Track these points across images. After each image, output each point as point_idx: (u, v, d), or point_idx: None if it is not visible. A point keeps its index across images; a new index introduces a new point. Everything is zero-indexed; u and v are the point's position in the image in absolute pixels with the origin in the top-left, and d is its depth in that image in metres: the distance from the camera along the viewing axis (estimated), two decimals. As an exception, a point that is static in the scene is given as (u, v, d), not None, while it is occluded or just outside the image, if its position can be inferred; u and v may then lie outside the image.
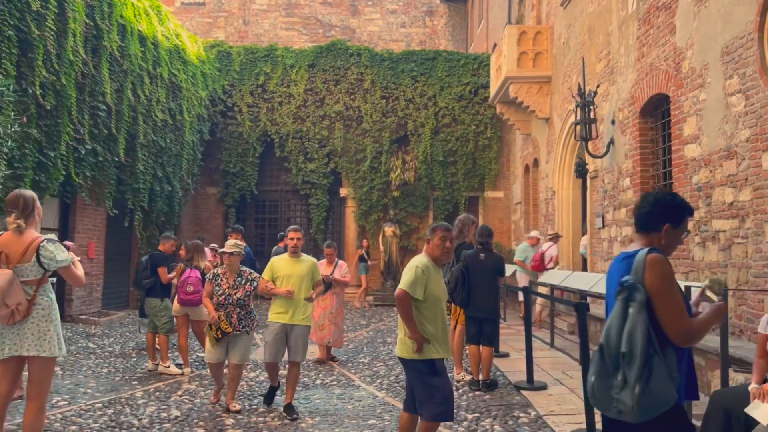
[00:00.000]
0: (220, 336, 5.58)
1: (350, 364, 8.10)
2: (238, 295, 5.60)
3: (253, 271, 5.81)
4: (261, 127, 16.94)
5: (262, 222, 17.68)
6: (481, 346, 6.54)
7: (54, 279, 10.68)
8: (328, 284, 8.07)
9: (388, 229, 16.12)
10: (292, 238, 5.82)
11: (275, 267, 5.77)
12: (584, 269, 11.04)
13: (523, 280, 11.07)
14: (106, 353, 8.65)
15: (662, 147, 8.27)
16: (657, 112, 8.38)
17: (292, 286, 5.62)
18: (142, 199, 12.75)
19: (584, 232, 11.86)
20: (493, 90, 14.81)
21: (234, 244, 5.76)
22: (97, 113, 10.95)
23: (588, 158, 9.97)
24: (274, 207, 17.65)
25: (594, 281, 7.75)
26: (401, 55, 17.13)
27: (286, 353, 5.78)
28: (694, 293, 2.85)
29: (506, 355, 8.35)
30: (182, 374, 7.28)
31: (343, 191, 17.16)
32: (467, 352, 7.24)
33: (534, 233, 11.65)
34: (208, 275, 5.76)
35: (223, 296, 5.59)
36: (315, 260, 5.97)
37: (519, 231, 16.03)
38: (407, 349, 4.04)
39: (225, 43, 17.27)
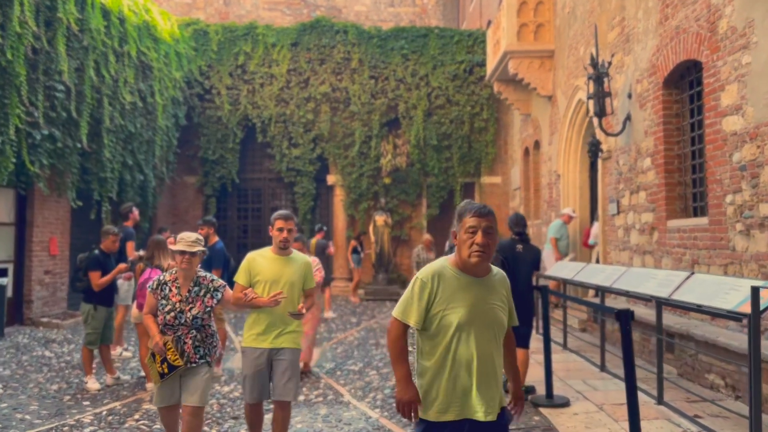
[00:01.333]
0: (166, 371, 3.93)
1: (338, 373, 7.12)
2: (194, 311, 3.93)
3: (216, 278, 4.15)
4: (241, 111, 15.83)
5: (244, 212, 16.60)
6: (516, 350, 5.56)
7: (5, 279, 9.63)
8: None
9: (379, 219, 15.12)
10: (281, 229, 4.14)
11: (255, 267, 4.14)
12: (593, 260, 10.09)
13: (550, 261, 10.16)
14: (62, 364, 7.60)
15: (690, 122, 7.30)
16: (683, 82, 7.39)
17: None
18: (109, 190, 11.66)
19: (593, 220, 10.90)
20: (489, 67, 13.78)
21: (195, 239, 4.01)
22: (54, 94, 9.82)
23: (601, 137, 8.98)
24: (257, 196, 16.58)
25: (614, 276, 6.79)
26: (391, 31, 16.03)
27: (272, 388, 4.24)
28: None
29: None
30: (100, 390, 6.32)
31: (331, 179, 16.12)
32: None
33: (567, 210, 10.65)
34: (150, 283, 4.10)
35: (172, 314, 3.93)
36: (309, 260, 4.40)
37: (518, 218, 15.04)
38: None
39: (201, 21, 16.08)
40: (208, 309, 4.01)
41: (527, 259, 5.84)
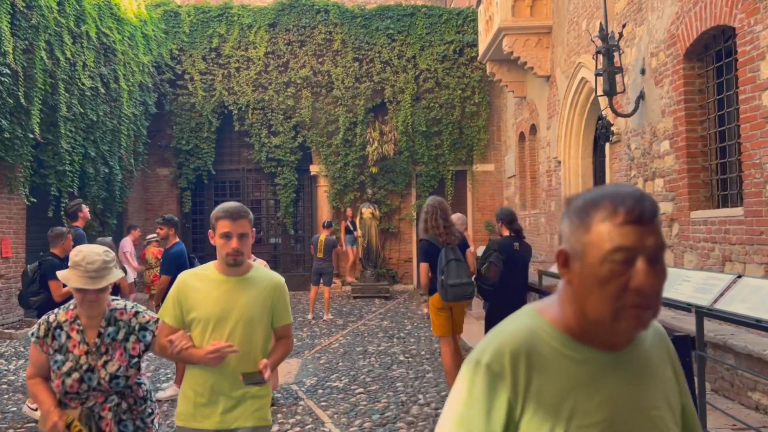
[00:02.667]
0: None
1: (320, 392, 6.21)
2: (111, 368, 2.61)
3: (141, 309, 2.79)
4: (216, 98, 14.78)
5: (222, 206, 15.56)
6: None
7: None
8: None
9: (366, 211, 14.19)
10: (227, 234, 2.59)
11: (188, 296, 2.60)
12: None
13: None
14: (3, 385, 6.63)
15: (715, 99, 6.42)
16: (707, 54, 6.50)
17: (228, 338, 2.55)
18: (69, 184, 10.62)
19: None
20: (482, 46, 12.83)
21: (101, 264, 2.57)
22: (-3, 78, 8.77)
23: (611, 118, 8.08)
24: (235, 188, 15.56)
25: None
26: (375, 10, 15.01)
27: None
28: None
29: None
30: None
31: (314, 168, 15.14)
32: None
33: None
34: (33, 329, 2.68)
35: (76, 375, 2.58)
36: (280, 281, 2.77)
37: (513, 208, 14.17)
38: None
39: (172, 2, 14.96)
40: (135, 361, 2.67)
41: (523, 257, 5.71)
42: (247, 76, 14.76)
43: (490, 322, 5.91)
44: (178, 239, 6.55)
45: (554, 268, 8.20)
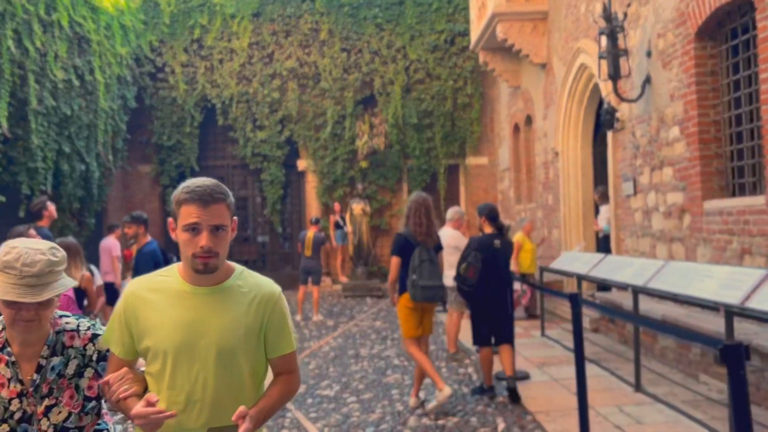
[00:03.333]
0: None
1: (309, 401, 5.73)
2: (58, 417, 1.94)
3: (101, 328, 2.05)
4: (199, 91, 14.22)
5: (207, 203, 15.00)
6: (500, 347, 5.58)
7: None
8: None
9: (357, 207, 13.70)
10: (195, 227, 1.78)
11: (139, 314, 1.86)
12: (601, 249, 8.82)
13: None
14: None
15: (730, 80, 5.99)
16: (720, 32, 6.07)
17: (196, 378, 1.82)
18: (42, 182, 10.04)
19: (596, 201, 9.62)
20: (474, 34, 12.36)
21: (46, 266, 1.84)
22: (-40, 69, 8.19)
23: (615, 103, 7.63)
24: (220, 185, 14.97)
25: (648, 271, 5.47)
26: (363, -1, 14.49)
27: None
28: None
29: (526, 377, 6.05)
30: None
31: (302, 164, 14.63)
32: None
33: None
34: None
35: (5, 427, 1.89)
36: (274, 291, 2.02)
37: (508, 202, 13.77)
38: None
39: (151, -9, 14.37)
40: (92, 405, 1.99)
41: (505, 255, 5.61)
42: (230, 69, 14.21)
43: (474, 321, 5.72)
44: (149, 237, 6.04)
45: (556, 264, 7.74)
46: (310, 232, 10.48)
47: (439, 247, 5.31)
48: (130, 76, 13.24)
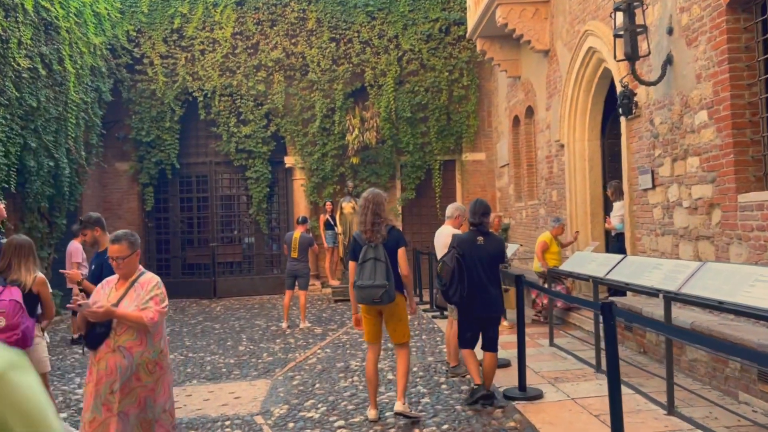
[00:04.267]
0: None
1: (291, 426, 4.97)
2: None
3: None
4: (179, 84, 13.43)
5: (188, 203, 14.23)
6: (484, 354, 5.23)
7: None
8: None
9: (347, 205, 12.92)
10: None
11: None
12: (613, 249, 8.10)
13: None
14: None
15: (766, 57, 5.28)
16: (755, 3, 5.35)
17: None
18: (4, 179, 9.24)
19: (609, 197, 8.92)
20: (471, 22, 11.64)
21: None
22: None
23: (634, 87, 6.90)
24: (202, 183, 14.20)
25: (681, 274, 4.75)
26: (353, -14, 13.73)
27: None
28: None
29: (506, 365, 5.56)
30: None
31: (289, 160, 13.86)
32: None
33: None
34: None
35: None
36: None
37: (507, 199, 13.05)
38: None
39: (128, -22, 13.57)
40: None
41: (489, 252, 5.18)
42: (212, 60, 13.43)
43: (459, 323, 5.37)
44: (105, 240, 5.24)
45: (567, 266, 6.99)
46: (297, 233, 9.73)
47: (392, 245, 4.87)
48: (105, 68, 12.43)
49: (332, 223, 12.75)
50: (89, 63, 11.58)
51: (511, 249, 9.64)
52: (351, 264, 5.00)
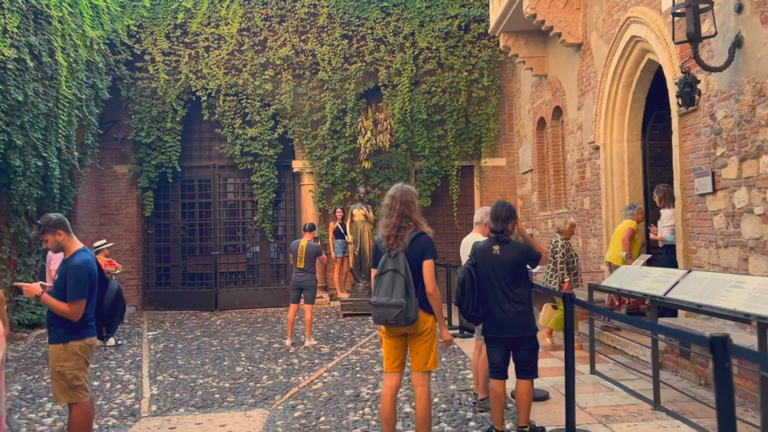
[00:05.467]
0: None
1: (290, 474, 4.07)
2: None
3: None
4: (182, 82, 12.66)
5: (190, 208, 13.40)
6: (517, 383, 4.43)
7: None
8: None
9: (358, 212, 12.06)
10: None
11: None
12: (661, 263, 7.16)
13: None
14: None
15: None
16: None
17: None
18: (-15, 179, 8.47)
19: (647, 203, 8.01)
20: (494, 16, 10.80)
21: None
22: None
23: (696, 74, 6.00)
24: (205, 188, 13.38)
25: (747, 293, 3.83)
26: (367, -19, 12.94)
27: None
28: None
29: (544, 397, 4.57)
30: None
31: (297, 164, 13.03)
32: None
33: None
34: None
35: None
36: None
37: (530, 208, 12.14)
38: None
39: (129, -30, 12.86)
40: None
41: (504, 264, 4.38)
42: (217, 57, 12.66)
43: (486, 347, 4.61)
44: (79, 243, 4.39)
45: (613, 282, 6.07)
46: (304, 241, 8.88)
47: (416, 256, 4.03)
48: (103, 64, 11.69)
49: (342, 231, 11.88)
50: (84, 57, 10.82)
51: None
52: (373, 272, 4.18)
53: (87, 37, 10.92)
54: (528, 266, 4.49)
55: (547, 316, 7.23)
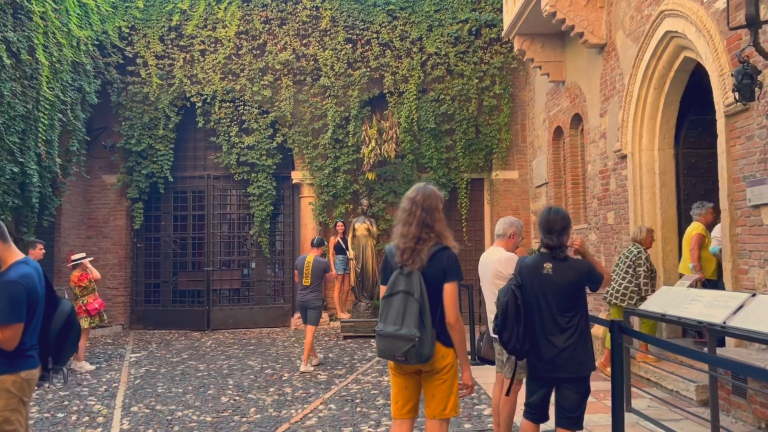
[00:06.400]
0: None
1: None
2: None
3: None
4: (176, 87, 11.96)
5: (182, 221, 12.63)
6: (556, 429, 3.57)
7: None
8: None
9: (361, 227, 11.29)
10: None
11: None
12: (706, 285, 6.35)
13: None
14: None
15: None
16: None
17: None
18: (-48, 185, 7.72)
19: (681, 217, 7.23)
20: (508, 17, 10.10)
21: None
22: None
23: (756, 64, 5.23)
24: (199, 199, 12.62)
25: None
26: (372, -18, 12.28)
27: None
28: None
29: None
30: None
31: (297, 175, 12.27)
32: None
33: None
34: None
35: None
36: None
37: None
38: None
39: (123, -30, 12.23)
40: None
41: (558, 286, 3.55)
42: (213, 61, 11.97)
43: (526, 382, 3.84)
44: (19, 254, 3.60)
45: (655, 306, 5.27)
46: (310, 257, 8.16)
47: (436, 275, 3.19)
48: (91, 66, 10.99)
49: (343, 246, 11.08)
50: (70, 57, 10.13)
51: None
52: (382, 288, 3.39)
53: (73, 37, 10.24)
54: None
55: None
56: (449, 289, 3.17)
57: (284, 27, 12.04)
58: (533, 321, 3.59)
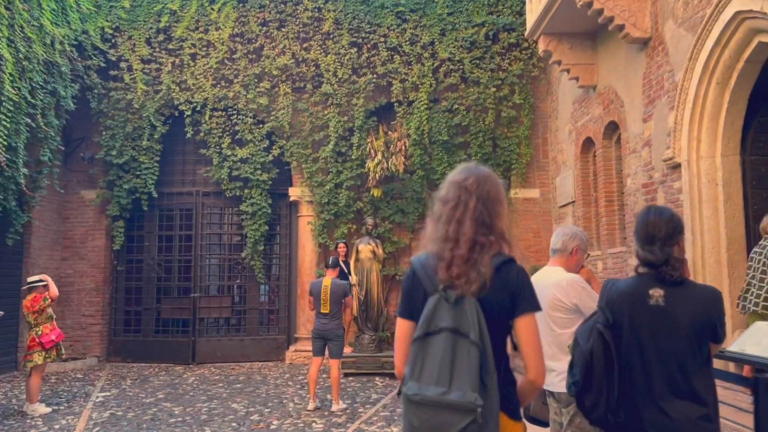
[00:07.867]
0: None
1: None
2: None
3: None
4: (163, 94, 10.88)
5: (168, 242, 11.41)
6: None
7: None
8: None
9: (365, 249, 10.08)
10: None
11: None
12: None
13: None
14: None
15: None
16: None
17: None
18: None
19: (750, 235, 6.01)
20: (532, 15, 9.04)
21: None
22: None
23: None
24: (186, 218, 11.42)
25: None
26: (380, -17, 11.27)
27: None
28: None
29: None
30: None
31: (294, 192, 11.11)
32: None
33: None
34: None
35: None
36: None
37: (571, 248, 10.08)
38: None
39: (109, -32, 11.24)
40: None
41: (682, 323, 2.29)
42: (205, 66, 10.91)
43: None
44: None
45: (754, 348, 4.05)
46: (327, 279, 7.08)
47: (502, 304, 1.98)
48: (68, 68, 9.93)
49: (346, 270, 9.86)
50: (41, 55, 9.07)
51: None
52: (402, 326, 2.10)
53: (46, 33, 9.19)
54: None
55: None
56: (527, 326, 1.96)
57: (283, 29, 11.00)
58: (633, 379, 2.36)
